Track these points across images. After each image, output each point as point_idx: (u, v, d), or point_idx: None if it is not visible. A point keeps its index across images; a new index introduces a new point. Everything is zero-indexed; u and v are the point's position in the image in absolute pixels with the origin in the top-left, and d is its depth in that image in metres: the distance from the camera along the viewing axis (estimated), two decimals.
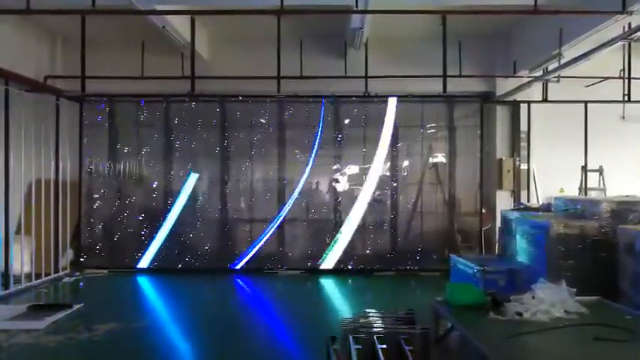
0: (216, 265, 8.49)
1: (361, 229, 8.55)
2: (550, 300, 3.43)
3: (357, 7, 6.10)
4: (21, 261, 7.19)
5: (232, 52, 8.82)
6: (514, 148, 8.90)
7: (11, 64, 6.85)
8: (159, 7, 6.52)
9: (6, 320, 5.45)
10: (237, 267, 8.49)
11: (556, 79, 7.43)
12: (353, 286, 7.79)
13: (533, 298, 3.49)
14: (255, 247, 8.57)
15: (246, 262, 8.53)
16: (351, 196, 8.64)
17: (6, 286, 6.79)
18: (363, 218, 8.57)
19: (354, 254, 8.50)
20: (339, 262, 8.45)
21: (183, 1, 6.85)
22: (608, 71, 8.04)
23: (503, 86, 8.69)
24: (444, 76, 7.49)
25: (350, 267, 8.45)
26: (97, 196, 8.65)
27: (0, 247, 6.81)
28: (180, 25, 7.47)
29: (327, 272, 8.37)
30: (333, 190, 8.66)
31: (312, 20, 7.77)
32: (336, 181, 8.66)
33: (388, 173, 8.74)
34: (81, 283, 7.67)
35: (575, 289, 3.67)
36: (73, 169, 8.35)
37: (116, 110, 8.71)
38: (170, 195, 8.72)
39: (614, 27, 5.89)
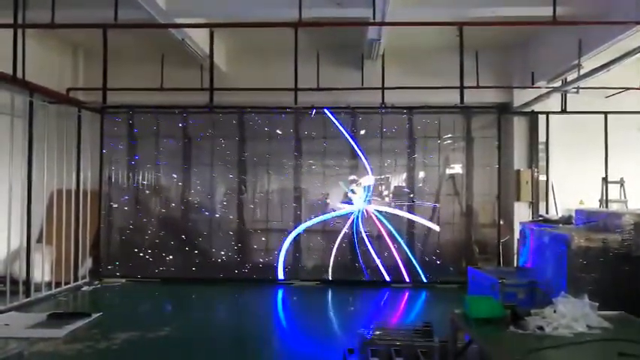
0: (233, 274, 8.52)
1: (377, 240, 8.51)
2: (572, 314, 3.35)
3: (374, 18, 6.14)
4: (42, 269, 7.31)
5: (250, 63, 8.92)
6: (532, 160, 8.80)
7: (35, 77, 7.01)
8: (178, 21, 6.64)
9: (26, 328, 5.53)
10: (254, 277, 8.50)
11: (575, 89, 7.35)
12: (369, 298, 7.75)
13: (555, 312, 3.41)
14: (270, 257, 8.60)
15: (263, 272, 8.54)
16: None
17: (27, 294, 6.90)
18: (379, 229, 8.53)
19: (369, 265, 8.45)
20: (355, 273, 8.41)
21: (202, 15, 6.95)
22: (628, 82, 7.93)
23: (521, 97, 8.62)
24: (461, 87, 7.48)
25: (366, 278, 8.40)
26: (117, 205, 8.77)
27: (22, 255, 6.94)
28: (199, 37, 7.58)
29: (342, 283, 8.33)
30: (348, 201, 8.64)
31: (329, 32, 7.82)
32: (352, 191, 8.65)
33: (404, 184, 8.73)
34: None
35: (597, 304, 3.60)
36: (93, 179, 8.49)
37: (136, 121, 8.87)
38: (188, 205, 8.81)
39: (635, 37, 5.81)
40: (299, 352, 5.20)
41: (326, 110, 8.56)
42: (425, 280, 8.35)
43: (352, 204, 8.59)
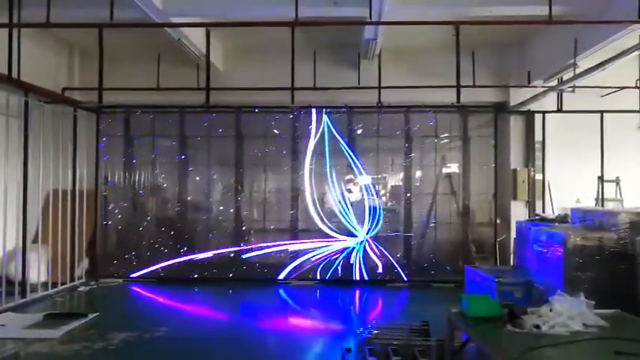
0: (231, 274, 8.49)
1: (374, 239, 8.50)
2: (568, 313, 3.37)
3: (370, 18, 6.14)
4: (38, 270, 7.28)
5: (247, 63, 8.90)
6: (529, 159, 8.82)
7: (31, 77, 6.98)
8: (175, 20, 6.62)
9: (22, 329, 5.51)
10: (252, 276, 8.47)
11: (571, 89, 7.37)
12: (367, 297, 7.76)
13: (551, 310, 3.42)
14: (269, 256, 8.59)
15: (261, 271, 8.52)
16: (364, 206, 8.60)
17: (23, 294, 6.87)
18: (376, 228, 8.53)
19: (367, 265, 8.45)
20: (351, 272, 8.41)
21: (198, 14, 6.94)
22: (624, 81, 7.96)
23: (518, 96, 8.64)
24: (458, 87, 7.50)
25: (363, 278, 8.39)
26: (113, 205, 8.75)
27: (18, 255, 6.91)
28: (195, 37, 7.56)
29: (340, 283, 8.33)
30: (345, 200, 8.61)
31: (326, 31, 7.82)
32: (349, 191, 8.65)
33: (401, 183, 8.73)
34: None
35: (593, 302, 3.61)
36: (89, 179, 8.46)
37: (132, 121, 8.84)
38: (185, 204, 8.79)
39: (630, 36, 5.84)
40: (295, 353, 5.20)
41: (315, 110, 8.54)
42: (421, 279, 8.35)
43: (355, 236, 8.50)
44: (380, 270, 8.37)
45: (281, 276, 8.40)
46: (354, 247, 8.43)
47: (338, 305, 7.42)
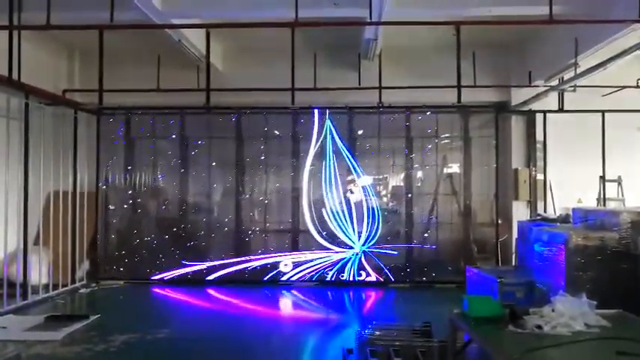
0: (232, 275, 8.47)
1: (372, 247, 8.47)
2: (570, 313, 3.35)
3: (370, 18, 6.14)
4: (39, 272, 7.28)
5: (247, 63, 8.90)
6: (530, 158, 8.81)
7: (31, 78, 6.98)
8: (175, 22, 6.62)
9: (24, 331, 5.52)
10: (253, 277, 8.46)
11: (572, 88, 7.36)
12: (367, 299, 7.74)
13: (553, 310, 3.40)
14: (269, 257, 8.58)
15: (262, 272, 8.52)
16: (363, 209, 8.58)
17: (24, 296, 6.87)
18: (377, 229, 8.51)
19: (367, 267, 8.43)
20: (353, 273, 8.40)
21: (198, 15, 6.94)
22: (625, 80, 7.94)
23: (519, 96, 8.63)
24: (459, 87, 7.50)
25: (364, 279, 8.38)
26: (114, 207, 8.74)
27: (19, 257, 6.91)
28: (195, 38, 7.57)
29: (341, 284, 8.31)
30: (346, 201, 8.60)
31: (326, 32, 7.82)
32: (351, 191, 8.63)
33: (402, 184, 8.72)
34: None
35: (595, 302, 3.60)
36: (90, 181, 8.46)
37: (133, 123, 8.84)
38: (185, 206, 8.78)
39: (631, 36, 5.82)
40: (297, 354, 5.19)
41: (318, 111, 8.53)
42: (423, 280, 8.34)
43: (352, 248, 8.47)
44: (374, 279, 8.35)
45: (284, 277, 8.41)
46: (350, 258, 8.40)
47: (338, 306, 7.40)
